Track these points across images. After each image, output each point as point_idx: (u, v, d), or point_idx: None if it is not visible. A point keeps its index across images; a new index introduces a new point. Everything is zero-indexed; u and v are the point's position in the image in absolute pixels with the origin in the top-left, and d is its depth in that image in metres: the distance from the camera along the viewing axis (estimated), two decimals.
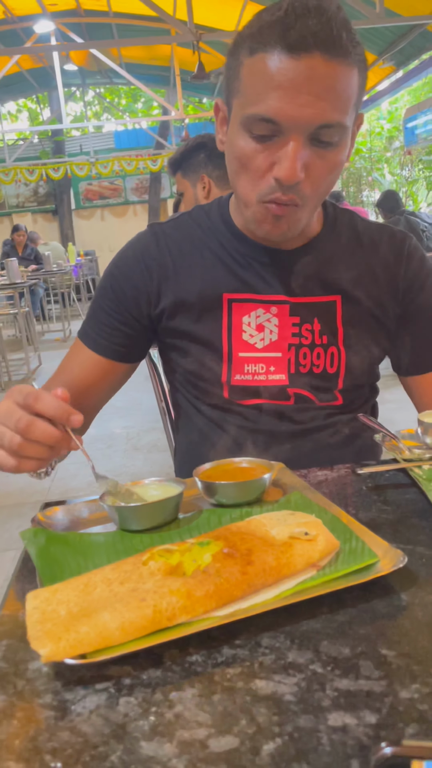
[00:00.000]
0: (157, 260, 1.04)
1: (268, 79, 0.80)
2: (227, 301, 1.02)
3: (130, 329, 1.06)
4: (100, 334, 1.06)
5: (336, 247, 1.05)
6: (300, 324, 1.02)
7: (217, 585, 0.56)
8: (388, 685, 0.46)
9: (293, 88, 0.80)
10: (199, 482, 0.78)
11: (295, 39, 0.78)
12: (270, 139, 0.84)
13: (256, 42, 0.81)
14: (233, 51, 0.87)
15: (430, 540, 0.67)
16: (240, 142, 0.86)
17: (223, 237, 1.04)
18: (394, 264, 1.05)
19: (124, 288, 1.05)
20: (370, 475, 0.86)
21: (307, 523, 0.66)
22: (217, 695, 0.47)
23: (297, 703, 0.45)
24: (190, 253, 1.04)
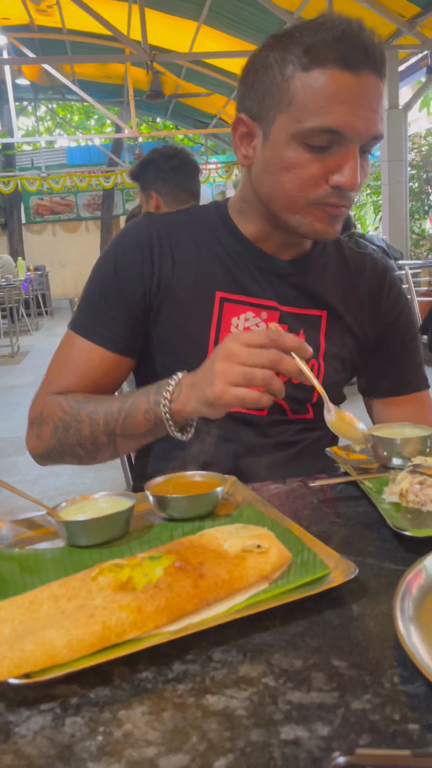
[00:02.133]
0: (159, 250, 1.04)
1: (332, 94, 0.86)
2: (220, 299, 1.04)
3: (131, 319, 1.04)
4: (105, 326, 1.03)
5: (325, 266, 1.11)
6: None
7: (168, 599, 0.55)
8: (340, 696, 0.46)
9: (356, 102, 0.87)
10: (151, 496, 0.77)
11: (356, 57, 0.85)
12: (326, 150, 0.89)
13: (313, 59, 0.86)
14: (270, 67, 0.90)
15: (379, 551, 0.67)
16: (290, 154, 0.91)
17: (222, 237, 1.06)
18: (377, 291, 1.13)
19: (127, 275, 1.03)
20: (322, 488, 0.87)
21: (260, 536, 0.65)
22: (168, 712, 0.45)
23: (249, 718, 0.44)
24: (188, 247, 1.05)
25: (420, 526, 0.71)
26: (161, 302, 1.03)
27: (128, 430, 0.92)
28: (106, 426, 0.94)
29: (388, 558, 0.66)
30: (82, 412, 0.97)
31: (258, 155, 0.96)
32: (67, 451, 1.00)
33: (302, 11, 5.71)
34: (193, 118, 11.91)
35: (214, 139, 13.60)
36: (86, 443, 0.97)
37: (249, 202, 1.03)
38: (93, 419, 0.95)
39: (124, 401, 0.93)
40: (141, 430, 0.92)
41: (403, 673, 0.48)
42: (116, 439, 0.94)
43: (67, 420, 0.98)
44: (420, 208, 8.86)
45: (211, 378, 0.79)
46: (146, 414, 0.89)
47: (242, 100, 0.97)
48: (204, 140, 14.02)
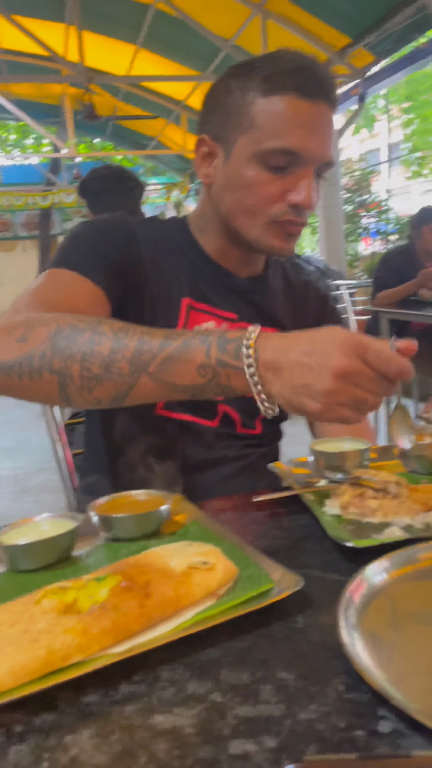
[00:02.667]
0: (141, 244, 1.05)
1: (289, 118, 0.92)
2: (186, 305, 1.06)
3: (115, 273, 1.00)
4: (93, 264, 0.97)
5: (276, 287, 1.16)
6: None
7: (114, 620, 0.54)
8: (287, 708, 0.46)
9: (311, 127, 0.93)
10: (95, 516, 0.76)
11: (312, 87, 0.92)
12: (284, 170, 0.95)
13: (273, 86, 0.92)
14: (232, 92, 0.96)
15: (323, 563, 0.69)
16: (250, 173, 0.96)
17: (187, 253, 1.09)
18: (320, 312, 1.20)
19: (119, 239, 1.03)
20: (266, 503, 0.88)
21: (206, 553, 0.65)
22: (115, 735, 0.45)
23: (197, 735, 0.44)
24: (159, 253, 1.07)
25: (361, 537, 0.72)
26: (135, 296, 1.03)
27: (166, 374, 0.74)
28: (135, 354, 0.75)
29: (332, 569, 0.67)
30: (104, 325, 0.78)
31: (219, 174, 1.01)
32: (54, 367, 0.77)
33: (237, 39, 5.85)
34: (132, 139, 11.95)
35: (153, 161, 13.68)
36: (95, 363, 0.76)
37: (208, 219, 1.07)
38: (119, 338, 0.76)
39: (169, 336, 0.75)
40: (184, 382, 0.74)
41: (348, 681, 0.49)
42: (142, 376, 0.75)
43: (79, 326, 0.79)
44: (354, 230, 9.16)
45: (316, 391, 0.67)
46: (200, 370, 0.73)
47: (204, 123, 1.03)
48: (143, 162, 14.09)
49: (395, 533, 0.72)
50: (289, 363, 0.69)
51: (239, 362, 0.71)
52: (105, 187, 2.32)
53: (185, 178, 11.81)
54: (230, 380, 0.72)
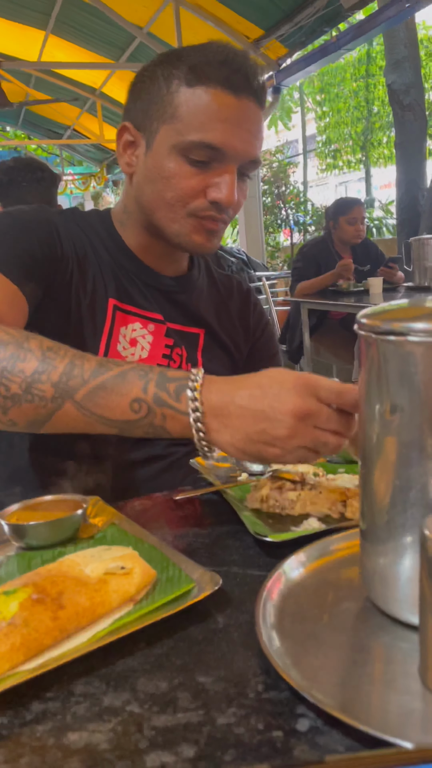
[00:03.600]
0: (66, 240, 0.99)
1: (213, 112, 0.89)
2: (113, 306, 1.01)
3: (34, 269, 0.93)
4: (9, 259, 0.90)
5: (201, 286, 1.15)
6: (172, 347, 1.06)
7: (24, 635, 0.52)
8: (206, 713, 0.45)
9: (236, 123, 0.90)
10: (5, 525, 0.72)
11: (238, 81, 0.89)
12: (206, 165, 0.92)
13: (198, 76, 0.89)
14: (157, 80, 0.93)
15: (243, 559, 0.68)
16: (170, 165, 0.92)
17: (109, 247, 1.04)
18: (245, 309, 1.20)
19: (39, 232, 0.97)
20: (187, 500, 0.86)
21: (123, 557, 0.63)
22: (25, 758, 0.42)
23: (112, 751, 0.42)
24: (84, 250, 1.02)
25: (280, 530, 0.72)
26: (62, 290, 0.98)
27: (95, 404, 0.69)
28: (63, 378, 0.70)
29: (252, 565, 0.67)
30: (32, 341, 0.73)
31: (140, 164, 0.97)
32: None
33: (151, 27, 5.78)
34: (46, 128, 11.61)
35: (69, 150, 13.35)
36: (14, 381, 0.70)
37: (129, 212, 1.04)
38: (47, 358, 0.71)
39: (104, 364, 0.71)
40: (114, 416, 0.70)
41: (267, 680, 0.48)
42: (66, 403, 0.70)
43: (3, 339, 0.73)
44: (273, 222, 9.26)
45: (273, 437, 0.65)
46: (134, 405, 0.69)
47: (128, 110, 0.99)
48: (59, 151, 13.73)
49: (312, 524, 0.73)
50: (238, 409, 0.66)
51: (180, 405, 0.68)
52: (12, 178, 2.24)
53: (103, 168, 11.60)
54: (166, 421, 0.69)
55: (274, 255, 9.05)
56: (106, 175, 11.91)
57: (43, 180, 2.31)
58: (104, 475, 1.01)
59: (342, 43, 4.60)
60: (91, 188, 12.90)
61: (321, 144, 12.67)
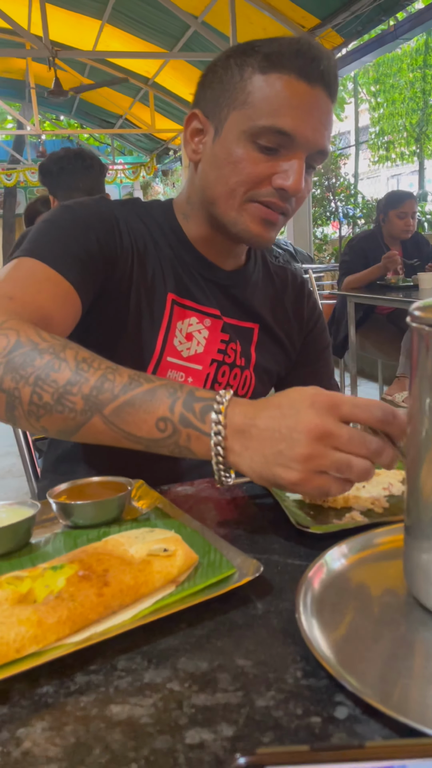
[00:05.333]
0: (127, 233, 1.00)
1: (285, 98, 0.89)
2: (171, 301, 1.02)
3: (92, 269, 0.94)
4: (68, 259, 0.90)
5: (257, 279, 1.15)
6: (228, 342, 1.07)
7: (71, 610, 0.53)
8: (245, 695, 0.46)
9: (307, 111, 0.90)
10: (54, 503, 0.75)
11: (312, 71, 0.89)
12: (274, 151, 0.91)
13: (272, 63, 0.89)
14: (230, 68, 0.93)
15: (284, 548, 0.68)
16: (238, 150, 0.92)
17: (171, 240, 1.05)
18: (298, 301, 1.19)
19: (101, 227, 0.97)
20: (228, 489, 0.87)
21: (166, 539, 0.65)
22: (69, 726, 0.44)
23: (153, 725, 0.43)
24: (145, 243, 1.03)
25: (322, 522, 0.72)
26: (122, 283, 0.99)
27: (122, 420, 0.70)
28: (93, 392, 0.70)
29: (293, 554, 0.67)
30: (68, 350, 0.73)
31: (207, 151, 0.97)
32: (4, 385, 0.73)
33: (206, 16, 5.76)
34: (99, 117, 11.73)
35: (120, 140, 13.46)
36: (47, 391, 0.71)
37: (192, 203, 1.04)
38: (80, 370, 0.71)
39: (135, 380, 0.70)
40: (140, 432, 0.70)
41: (306, 667, 0.49)
42: (95, 416, 0.70)
43: (41, 346, 0.74)
44: (322, 214, 9.16)
45: (290, 459, 0.62)
46: (160, 423, 0.69)
47: (198, 99, 1.00)
48: (110, 141, 13.85)
49: (355, 518, 0.73)
50: (258, 431, 0.64)
51: (204, 426, 0.67)
52: (63, 167, 2.29)
53: (153, 158, 11.66)
54: (190, 442, 0.68)
55: (322, 248, 8.95)
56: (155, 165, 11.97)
57: (92, 168, 2.34)
58: (150, 461, 1.02)
59: (399, 33, 4.50)
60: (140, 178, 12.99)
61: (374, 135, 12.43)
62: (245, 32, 5.39)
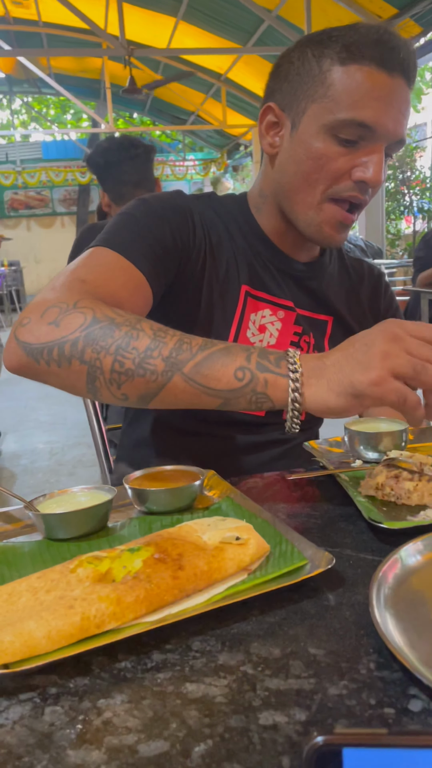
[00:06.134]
0: (201, 226, 1.02)
1: (366, 90, 0.88)
2: (245, 293, 1.04)
3: (165, 261, 0.95)
4: (142, 251, 0.92)
5: (332, 271, 1.14)
6: (301, 334, 1.07)
7: (148, 590, 0.55)
8: (318, 682, 0.47)
9: (388, 101, 0.89)
10: (129, 489, 0.77)
11: (392, 60, 0.88)
12: (354, 144, 0.91)
13: (352, 54, 0.88)
14: (307, 60, 0.92)
15: (356, 542, 0.68)
16: (318, 144, 0.92)
17: (245, 233, 1.06)
18: (374, 295, 1.18)
19: (176, 220, 0.99)
20: (299, 481, 0.88)
21: (238, 528, 0.66)
22: (147, 700, 0.46)
23: (228, 704, 0.45)
24: (220, 235, 1.04)
25: (395, 518, 0.72)
26: (194, 277, 1.01)
27: (202, 375, 0.72)
28: (173, 353, 0.73)
29: (365, 549, 0.67)
30: (144, 323, 0.76)
31: (285, 144, 0.97)
32: (86, 357, 0.75)
33: (280, 9, 5.72)
34: (171, 114, 11.87)
35: (191, 136, 13.57)
36: (128, 358, 0.74)
37: (266, 196, 1.04)
38: (158, 336, 0.75)
39: (209, 342, 0.74)
40: (219, 385, 0.72)
41: (379, 659, 0.49)
42: (175, 376, 0.73)
43: (117, 320, 0.76)
44: (396, 208, 8.95)
45: (368, 360, 0.66)
46: (238, 372, 0.72)
47: (272, 91, 0.99)
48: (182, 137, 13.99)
49: (431, 515, 0.71)
50: (332, 363, 0.70)
51: (280, 369, 0.71)
52: (108, 159, 2.28)
53: (223, 154, 11.68)
54: (267, 387, 0.71)
55: (395, 243, 8.75)
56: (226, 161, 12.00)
57: (138, 156, 2.30)
58: (222, 453, 1.04)
59: None
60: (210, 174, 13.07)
61: None
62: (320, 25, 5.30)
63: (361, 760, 0.29)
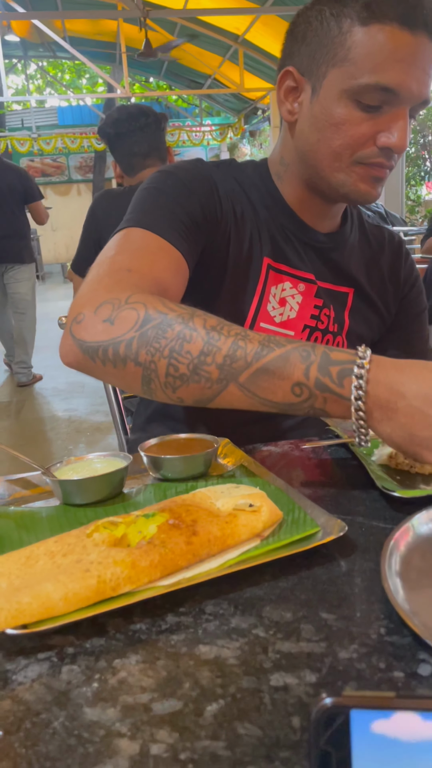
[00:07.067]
0: (225, 196, 1.00)
1: (389, 52, 0.84)
2: (267, 266, 1.02)
3: (195, 233, 0.94)
4: (176, 228, 0.91)
5: (353, 241, 1.11)
6: (321, 307, 1.06)
7: (162, 555, 0.56)
8: (328, 646, 0.47)
9: (411, 62, 0.85)
10: (145, 456, 0.78)
11: (415, 17, 0.84)
12: (377, 109, 0.88)
13: (373, 13, 0.84)
14: (326, 20, 0.88)
15: (368, 510, 0.69)
16: (339, 110, 0.89)
17: (267, 203, 1.04)
18: (395, 263, 1.15)
19: (200, 189, 0.96)
20: (313, 450, 0.88)
21: (252, 495, 0.66)
22: (161, 661, 0.47)
23: (239, 666, 0.46)
24: (243, 205, 1.02)
25: (408, 487, 0.72)
26: (220, 250, 0.99)
27: (257, 387, 0.69)
28: (227, 360, 0.70)
29: (377, 517, 0.67)
30: (197, 319, 0.73)
31: (305, 111, 0.94)
32: (140, 359, 0.73)
33: None
34: (187, 78, 11.64)
35: (208, 101, 13.32)
36: (182, 363, 0.71)
37: (287, 164, 1.02)
38: (211, 338, 0.71)
39: (266, 344, 0.70)
40: (276, 398, 0.69)
41: (390, 625, 0.49)
42: (230, 385, 0.70)
43: (171, 318, 0.73)
44: (416, 174, 8.77)
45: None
46: (295, 389, 0.68)
47: (290, 54, 0.95)
48: (198, 101, 13.74)
49: None
50: (407, 408, 0.63)
51: (343, 390, 0.66)
52: (119, 130, 2.25)
53: (240, 119, 11.47)
54: (326, 405, 0.68)
55: (414, 210, 8.58)
56: (243, 126, 11.78)
57: (148, 126, 2.25)
58: (237, 423, 1.04)
59: None
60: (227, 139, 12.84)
61: None
62: None
63: (368, 722, 0.30)
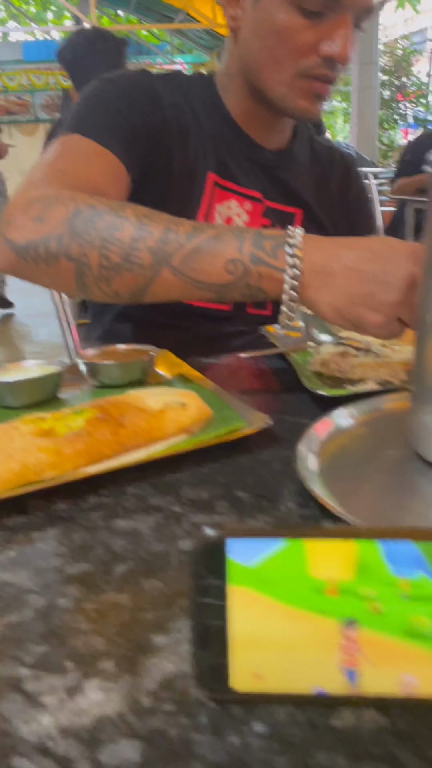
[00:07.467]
0: (164, 106, 0.97)
1: None
2: (212, 182, 1.00)
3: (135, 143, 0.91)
4: (114, 134, 0.89)
5: (302, 160, 1.09)
6: (268, 227, 1.03)
7: (88, 444, 0.58)
8: (239, 518, 0.50)
9: None
10: (82, 363, 0.79)
11: None
12: (319, 16, 0.85)
13: None
14: None
15: (295, 409, 0.71)
16: (281, 16, 0.86)
17: (213, 117, 1.01)
18: (344, 183, 1.14)
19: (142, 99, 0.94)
20: (252, 361, 0.89)
21: (183, 394, 0.68)
22: (78, 533, 0.49)
23: (152, 534, 0.48)
24: (186, 118, 0.99)
25: (335, 388, 0.74)
26: (162, 162, 0.97)
27: (191, 268, 0.68)
28: (159, 244, 0.69)
29: (304, 415, 0.69)
30: (127, 209, 0.72)
31: (247, 17, 0.92)
32: (72, 253, 0.72)
33: None
34: (158, 12, 11.14)
35: (180, 37, 12.80)
36: (114, 252, 0.70)
37: (232, 74, 1.00)
38: (142, 225, 0.70)
39: (199, 228, 0.69)
40: (210, 279, 0.68)
41: (299, 500, 0.52)
42: (164, 269, 0.69)
43: (100, 209, 0.72)
44: (390, 117, 8.63)
45: (383, 301, 0.61)
46: (229, 265, 0.67)
47: None
48: (169, 38, 13.21)
49: (370, 386, 0.74)
50: (343, 269, 0.63)
51: (276, 261, 0.65)
52: (77, 54, 2.18)
53: (213, 57, 11.09)
54: (261, 280, 0.67)
55: (387, 154, 8.49)
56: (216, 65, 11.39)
57: (107, 51, 2.18)
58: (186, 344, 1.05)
59: None
60: None
61: None
62: None
63: (243, 549, 0.32)
